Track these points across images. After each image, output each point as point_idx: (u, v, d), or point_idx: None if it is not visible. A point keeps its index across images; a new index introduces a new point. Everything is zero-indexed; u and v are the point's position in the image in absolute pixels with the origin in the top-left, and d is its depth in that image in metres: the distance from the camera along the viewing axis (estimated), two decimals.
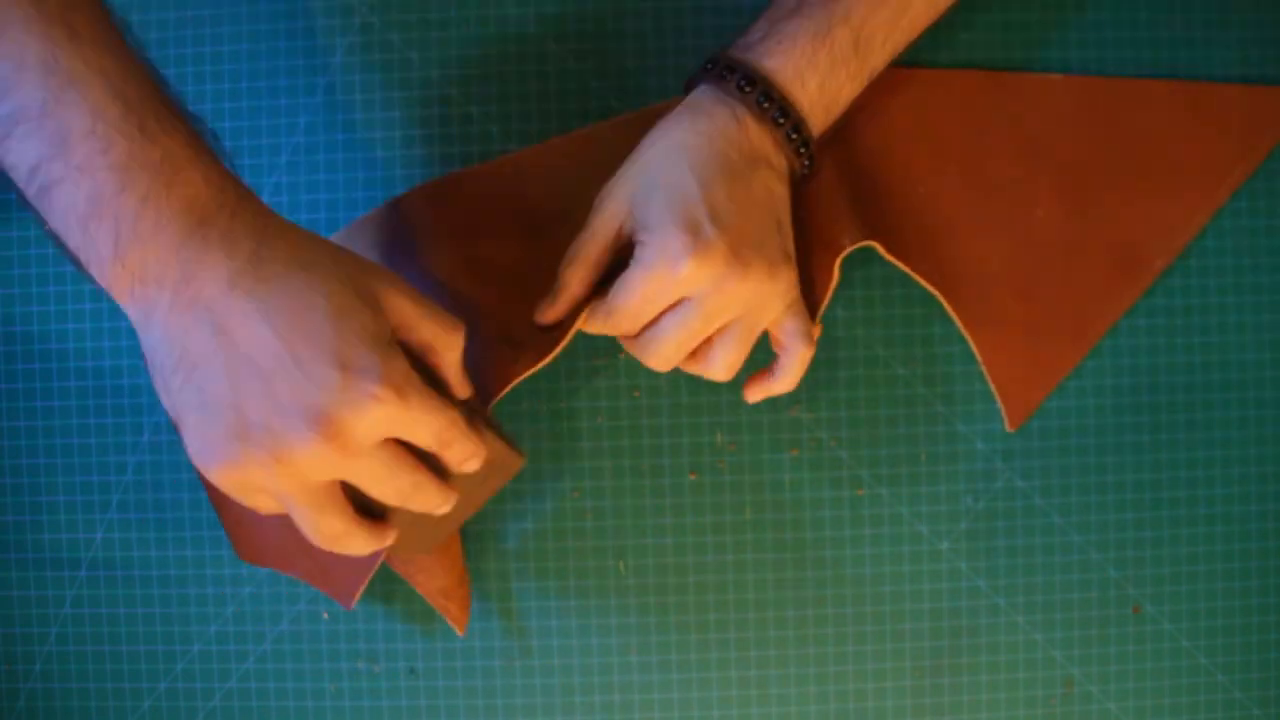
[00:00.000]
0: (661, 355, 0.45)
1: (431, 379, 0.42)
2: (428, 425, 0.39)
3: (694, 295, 0.44)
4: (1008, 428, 0.53)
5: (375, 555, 0.49)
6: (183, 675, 0.54)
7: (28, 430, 0.54)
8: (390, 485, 0.39)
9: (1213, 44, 0.54)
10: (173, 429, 0.53)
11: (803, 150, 0.47)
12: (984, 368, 0.53)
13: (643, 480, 0.54)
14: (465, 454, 0.41)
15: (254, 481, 0.38)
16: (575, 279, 0.46)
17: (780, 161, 0.47)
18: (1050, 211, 0.53)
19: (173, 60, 0.54)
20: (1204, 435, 0.54)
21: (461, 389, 0.43)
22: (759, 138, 0.46)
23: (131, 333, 0.53)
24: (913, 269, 0.52)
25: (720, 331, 0.45)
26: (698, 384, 0.54)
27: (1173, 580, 0.54)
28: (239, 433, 0.36)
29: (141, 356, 0.53)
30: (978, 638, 0.54)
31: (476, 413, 0.44)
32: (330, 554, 0.48)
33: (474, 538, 0.54)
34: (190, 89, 0.54)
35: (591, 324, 0.46)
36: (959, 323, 0.53)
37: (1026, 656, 0.54)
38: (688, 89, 0.48)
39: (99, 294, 0.53)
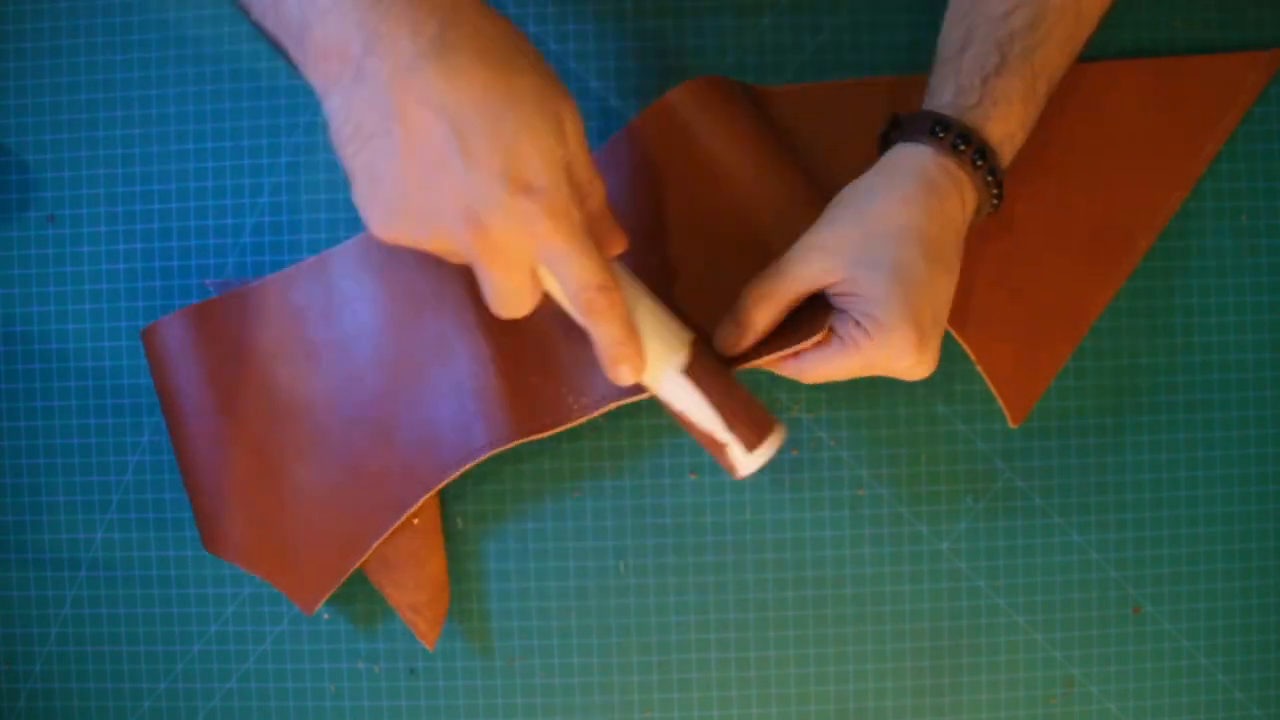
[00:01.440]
0: (808, 381, 0.47)
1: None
2: (578, 267, 0.38)
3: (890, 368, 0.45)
4: (1010, 424, 0.53)
5: (344, 563, 0.50)
6: (183, 675, 0.54)
7: (28, 430, 0.54)
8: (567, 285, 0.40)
9: (1176, 17, 0.55)
10: None
11: (997, 198, 0.47)
12: (980, 367, 0.53)
13: (643, 480, 0.54)
14: (610, 327, 0.40)
15: (420, 246, 0.39)
16: (762, 319, 0.45)
17: (972, 212, 0.47)
18: (1029, 204, 0.53)
19: (173, 60, 0.54)
20: (1204, 435, 0.54)
21: (616, 239, 0.43)
22: (970, 202, 0.46)
23: (132, 333, 0.53)
24: None
25: None
26: None
27: (1173, 580, 0.54)
28: (401, 208, 0.37)
29: (142, 356, 0.53)
30: (978, 638, 0.54)
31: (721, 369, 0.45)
32: (298, 557, 0.49)
33: (474, 538, 0.54)
34: (190, 89, 0.54)
35: (775, 369, 0.47)
36: (950, 329, 0.53)
37: (1026, 656, 0.54)
38: (897, 125, 0.47)
39: (99, 294, 0.54)
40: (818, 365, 0.45)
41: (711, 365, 0.45)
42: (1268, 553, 0.54)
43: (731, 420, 0.44)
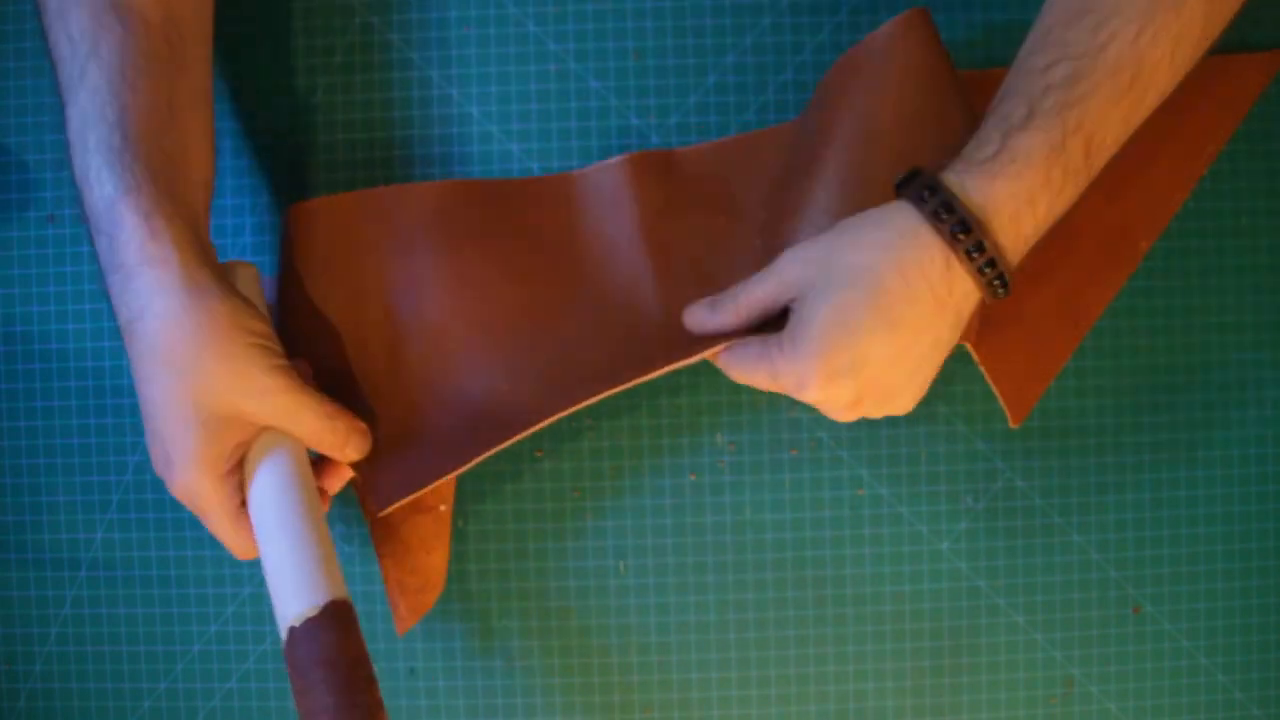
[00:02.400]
0: (733, 377, 0.47)
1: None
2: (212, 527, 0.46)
3: (807, 400, 0.44)
4: (1010, 424, 0.53)
5: (438, 467, 0.49)
6: (183, 675, 0.54)
7: (28, 430, 0.54)
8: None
9: None
10: None
11: (1000, 291, 0.43)
12: (981, 367, 0.53)
13: (643, 480, 0.54)
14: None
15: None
16: (733, 312, 0.46)
17: (970, 303, 0.43)
18: None
19: None
20: (1204, 435, 0.54)
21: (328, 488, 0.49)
22: (960, 282, 0.42)
23: None
24: None
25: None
26: (698, 384, 0.54)
27: (1173, 580, 0.54)
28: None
29: None
30: (978, 638, 0.54)
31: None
32: (395, 449, 0.50)
33: (474, 538, 0.54)
34: None
35: (712, 357, 0.47)
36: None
37: (1026, 656, 0.54)
38: (907, 178, 0.44)
39: (99, 294, 0.54)
40: (739, 361, 0.45)
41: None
42: (1268, 553, 0.54)
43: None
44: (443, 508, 0.51)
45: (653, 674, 0.54)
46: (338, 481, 0.50)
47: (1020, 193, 0.41)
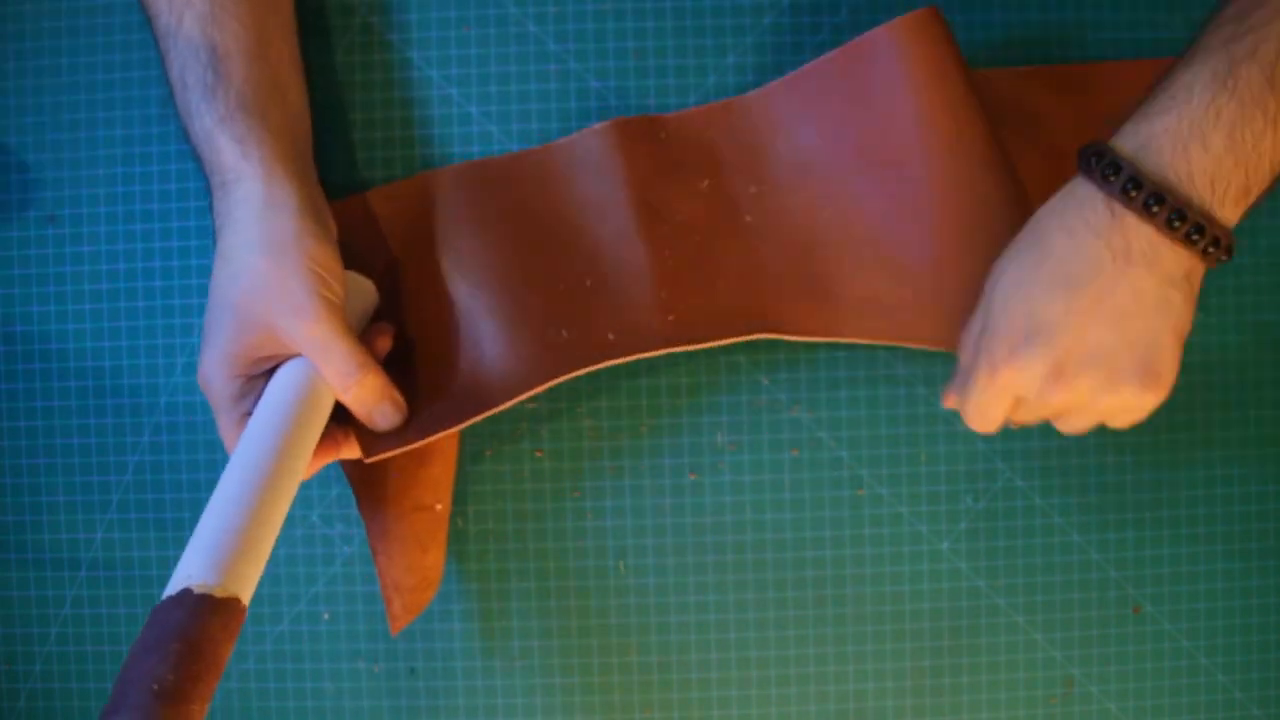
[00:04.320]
0: (984, 428, 0.45)
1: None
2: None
3: (1022, 398, 0.43)
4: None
5: (444, 420, 0.49)
6: None
7: (28, 430, 0.54)
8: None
9: (1175, 17, 0.54)
10: (173, 429, 0.53)
11: (1196, 238, 0.39)
12: None
13: (643, 480, 0.54)
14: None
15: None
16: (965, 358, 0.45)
17: (1171, 259, 0.40)
18: (1032, 205, 0.53)
19: None
20: (1204, 435, 0.54)
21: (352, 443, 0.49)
22: (1131, 236, 0.39)
23: (131, 333, 0.53)
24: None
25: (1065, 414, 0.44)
26: (698, 384, 0.54)
27: (1173, 580, 0.54)
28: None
29: (142, 356, 0.53)
30: (978, 638, 0.54)
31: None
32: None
33: (474, 538, 0.54)
34: None
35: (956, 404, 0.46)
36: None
37: (1026, 656, 0.54)
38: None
39: (99, 294, 0.54)
40: (967, 395, 0.45)
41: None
42: (1268, 553, 0.54)
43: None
44: (439, 506, 0.51)
45: (653, 674, 0.54)
46: (330, 453, 0.48)
47: (1179, 128, 0.38)
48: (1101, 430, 0.54)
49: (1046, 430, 0.54)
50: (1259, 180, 0.39)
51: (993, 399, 0.43)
